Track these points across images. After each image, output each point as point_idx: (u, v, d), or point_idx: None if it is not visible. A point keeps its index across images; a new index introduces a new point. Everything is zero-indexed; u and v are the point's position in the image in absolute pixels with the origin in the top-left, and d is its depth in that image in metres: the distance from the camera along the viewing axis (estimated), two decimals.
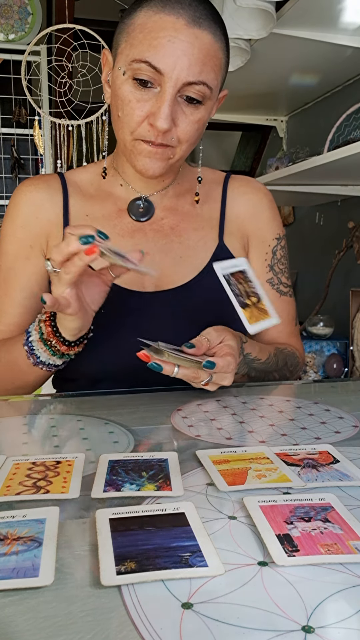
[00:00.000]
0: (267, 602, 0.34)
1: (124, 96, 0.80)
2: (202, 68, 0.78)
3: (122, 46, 0.81)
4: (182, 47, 0.76)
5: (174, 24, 0.76)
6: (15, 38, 2.72)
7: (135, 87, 0.79)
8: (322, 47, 1.78)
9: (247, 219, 0.99)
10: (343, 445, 0.60)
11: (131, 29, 0.79)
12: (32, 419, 0.73)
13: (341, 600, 0.34)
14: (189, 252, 0.94)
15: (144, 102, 0.79)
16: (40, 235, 0.93)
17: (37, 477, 0.51)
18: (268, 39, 1.69)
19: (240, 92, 2.18)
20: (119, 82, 0.81)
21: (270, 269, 1.00)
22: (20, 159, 2.87)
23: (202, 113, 0.82)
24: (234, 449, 0.58)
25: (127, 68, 0.79)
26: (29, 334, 0.81)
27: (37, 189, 0.94)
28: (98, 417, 0.71)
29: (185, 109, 0.80)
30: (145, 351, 0.70)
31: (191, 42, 0.77)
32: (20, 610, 0.33)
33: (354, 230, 2.14)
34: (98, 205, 0.95)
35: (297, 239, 2.63)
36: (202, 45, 0.78)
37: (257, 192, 1.01)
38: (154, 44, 0.76)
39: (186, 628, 0.32)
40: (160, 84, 0.78)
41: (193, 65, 0.77)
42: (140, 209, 0.94)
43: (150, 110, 0.79)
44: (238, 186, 1.01)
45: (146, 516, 0.43)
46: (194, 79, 0.78)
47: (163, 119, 0.77)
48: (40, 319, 0.80)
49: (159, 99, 0.78)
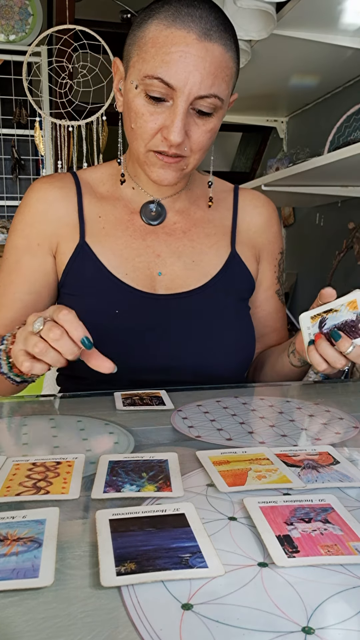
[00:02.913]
0: (267, 603, 0.34)
1: (137, 109, 0.81)
2: (214, 81, 0.79)
3: (133, 59, 0.81)
4: (194, 62, 0.77)
5: (185, 39, 0.77)
6: (15, 39, 2.72)
7: (147, 101, 0.80)
8: (323, 48, 1.78)
9: (258, 232, 1.02)
10: (343, 446, 0.60)
11: (142, 42, 0.80)
12: (33, 419, 0.73)
13: (341, 601, 0.34)
14: (201, 256, 0.95)
15: (157, 115, 0.80)
16: (50, 235, 0.93)
17: (37, 478, 0.51)
18: (268, 40, 1.68)
19: (240, 92, 2.16)
20: (132, 95, 0.82)
21: (278, 281, 1.06)
22: (20, 160, 2.87)
23: (214, 123, 0.84)
24: (234, 450, 0.58)
25: (139, 82, 0.80)
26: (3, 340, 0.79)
27: (52, 188, 0.94)
28: (98, 417, 0.71)
29: (197, 120, 0.82)
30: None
31: (202, 57, 0.77)
32: (20, 611, 0.33)
33: (354, 231, 2.14)
34: (110, 206, 0.95)
35: (297, 240, 2.63)
36: (213, 59, 0.78)
37: (267, 206, 1.05)
38: (166, 59, 0.77)
39: (186, 629, 0.32)
40: (173, 98, 0.79)
41: (205, 79, 0.78)
42: (153, 213, 0.95)
43: (163, 123, 0.80)
44: (250, 198, 1.04)
45: (146, 517, 0.43)
46: (205, 93, 0.79)
47: (176, 132, 0.79)
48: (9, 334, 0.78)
49: (172, 112, 0.79)
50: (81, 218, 0.93)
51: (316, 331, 0.79)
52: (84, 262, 0.91)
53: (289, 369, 0.94)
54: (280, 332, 1.07)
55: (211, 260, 0.95)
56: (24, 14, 2.72)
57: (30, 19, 2.73)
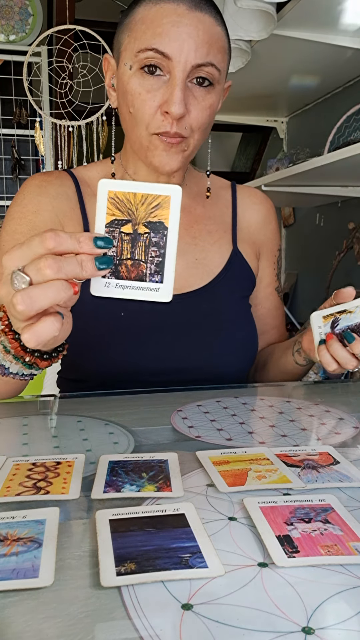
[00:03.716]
0: (267, 603, 0.34)
1: (134, 90, 0.79)
2: (209, 50, 0.78)
3: (125, 43, 0.81)
4: (187, 31, 0.76)
5: (176, 10, 0.77)
6: (15, 39, 2.72)
7: (143, 77, 0.78)
8: (323, 49, 1.78)
9: (258, 229, 1.02)
10: (343, 447, 0.60)
11: (132, 24, 0.79)
12: (32, 419, 0.73)
13: (341, 601, 0.34)
14: (204, 254, 0.95)
15: (155, 91, 0.78)
16: (56, 222, 0.90)
17: (37, 478, 0.51)
18: (269, 40, 1.69)
19: (240, 93, 2.18)
20: (126, 77, 0.80)
21: (277, 278, 1.05)
22: (20, 160, 2.87)
23: (213, 98, 0.82)
24: (234, 450, 0.58)
25: (133, 61, 0.79)
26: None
27: (50, 184, 0.93)
28: (98, 417, 0.71)
29: (196, 93, 0.80)
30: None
31: (195, 25, 0.77)
32: (20, 611, 0.33)
33: (354, 231, 2.14)
34: None
35: (297, 240, 2.63)
36: (206, 28, 0.78)
37: (265, 203, 1.04)
38: (158, 31, 0.76)
39: (186, 629, 0.32)
40: (169, 71, 0.77)
41: (200, 47, 0.77)
42: None
43: (162, 98, 0.78)
44: (247, 195, 1.03)
45: (146, 517, 0.43)
46: (202, 61, 0.78)
47: (177, 103, 0.76)
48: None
49: (170, 85, 0.77)
50: (84, 215, 0.92)
51: (328, 331, 0.79)
52: None
53: (292, 366, 0.94)
54: (280, 329, 1.08)
55: (214, 258, 0.95)
56: (24, 14, 2.72)
57: (31, 19, 2.73)
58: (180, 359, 0.89)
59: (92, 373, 0.89)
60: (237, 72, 1.84)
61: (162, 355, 0.89)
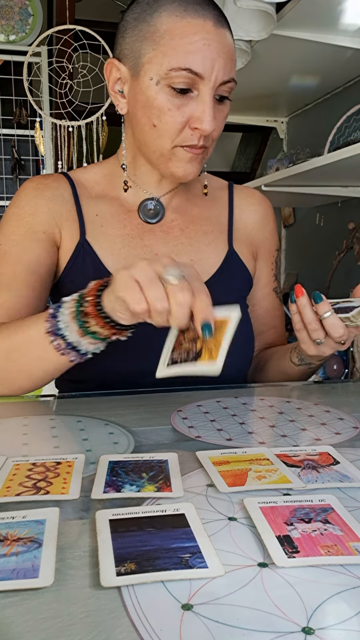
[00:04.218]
0: (267, 604, 0.34)
1: (162, 105, 0.80)
2: (232, 65, 0.82)
3: (148, 55, 0.80)
4: (217, 49, 0.78)
5: (204, 27, 0.78)
6: (15, 39, 2.72)
7: (172, 94, 0.80)
8: (323, 49, 1.78)
9: (255, 229, 1.02)
10: (343, 447, 0.60)
11: (157, 36, 0.79)
12: (33, 419, 0.73)
13: (341, 601, 0.34)
14: (200, 255, 0.95)
15: (184, 107, 0.80)
16: (53, 224, 0.91)
17: (37, 478, 0.51)
18: (268, 41, 1.69)
19: (240, 93, 2.17)
20: (153, 92, 0.80)
21: (275, 279, 1.05)
22: (20, 160, 2.87)
23: (228, 108, 0.86)
24: (234, 450, 0.58)
25: (161, 77, 0.79)
26: (58, 307, 0.71)
27: (47, 186, 0.93)
28: (98, 418, 0.71)
29: (217, 107, 0.83)
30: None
31: (222, 42, 0.79)
32: (20, 611, 0.33)
33: (354, 231, 2.14)
34: (106, 205, 0.95)
35: (297, 240, 2.63)
36: (228, 44, 0.81)
37: (263, 203, 1.04)
38: (191, 49, 0.77)
39: (186, 629, 0.32)
40: (198, 88, 0.79)
41: (226, 64, 0.80)
42: (151, 210, 0.94)
43: (191, 114, 0.80)
44: (245, 196, 1.03)
45: (146, 517, 0.43)
46: (227, 78, 0.81)
47: (209, 121, 0.79)
48: (83, 293, 0.70)
49: (200, 102, 0.79)
50: (80, 216, 0.92)
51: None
52: (85, 260, 0.90)
53: (290, 367, 0.94)
54: (279, 330, 1.07)
55: (209, 258, 0.95)
56: (24, 14, 2.72)
57: (31, 19, 2.73)
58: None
59: (92, 375, 0.89)
60: (237, 72, 1.84)
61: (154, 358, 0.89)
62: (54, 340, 0.71)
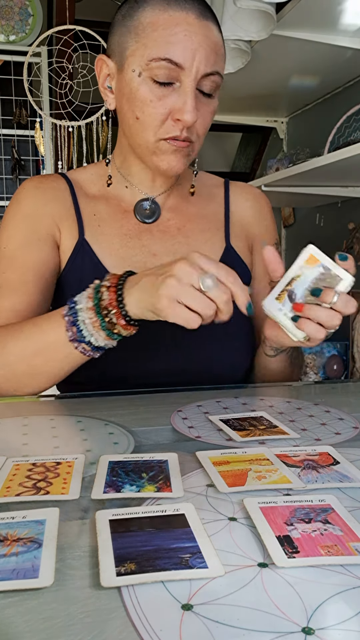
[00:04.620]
0: (267, 604, 0.34)
1: (144, 97, 0.80)
2: (216, 59, 0.81)
3: (131, 48, 0.81)
4: (198, 40, 0.78)
5: (186, 19, 0.78)
6: (15, 39, 2.72)
7: (154, 86, 0.80)
8: (323, 49, 1.78)
9: (251, 224, 1.01)
10: (343, 447, 0.60)
11: (140, 29, 0.79)
12: (33, 420, 0.73)
13: (341, 601, 0.34)
14: None
15: (165, 99, 0.80)
16: (54, 225, 0.91)
17: (37, 478, 0.51)
18: (268, 41, 1.69)
19: (240, 93, 2.18)
20: (135, 84, 0.81)
21: None
22: (20, 160, 2.87)
23: (215, 104, 0.85)
24: (234, 450, 0.58)
25: (143, 68, 0.80)
26: (74, 302, 0.75)
27: (46, 187, 0.94)
28: (98, 418, 0.71)
29: (202, 100, 0.82)
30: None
31: (204, 34, 0.79)
32: (20, 611, 0.33)
33: (354, 231, 2.14)
34: (103, 205, 0.95)
35: (297, 240, 2.63)
36: (212, 36, 0.80)
37: (259, 198, 1.04)
38: (171, 40, 0.77)
39: (186, 629, 0.32)
40: (180, 79, 0.79)
41: (209, 56, 0.79)
42: (147, 210, 0.94)
43: (173, 106, 0.80)
44: (240, 192, 1.03)
45: (146, 517, 0.43)
46: (210, 70, 0.80)
47: (190, 112, 0.79)
48: (102, 284, 0.73)
49: (182, 93, 0.79)
50: (78, 215, 0.93)
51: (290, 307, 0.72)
52: (84, 260, 0.91)
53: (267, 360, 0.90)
54: None
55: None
56: (24, 15, 2.72)
57: (31, 20, 2.73)
58: (175, 361, 0.89)
59: (89, 377, 0.88)
60: (237, 72, 1.84)
61: (156, 357, 0.89)
62: (78, 346, 0.75)
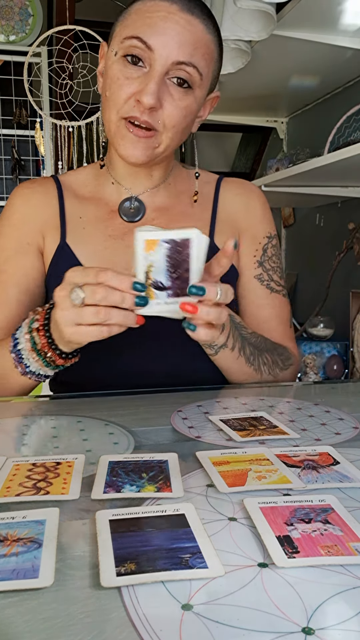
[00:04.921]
0: (267, 604, 0.34)
1: (113, 75, 0.81)
2: (193, 52, 0.80)
3: (116, 31, 0.83)
4: (175, 28, 0.78)
5: (168, 8, 0.79)
6: (15, 39, 2.72)
7: (125, 65, 0.80)
8: (323, 49, 1.78)
9: (239, 218, 0.99)
10: (343, 447, 0.60)
11: (127, 15, 0.82)
12: (33, 420, 0.73)
13: (341, 601, 0.34)
14: None
15: (133, 79, 0.80)
16: (37, 232, 0.93)
17: (37, 479, 0.51)
18: (268, 41, 1.69)
19: (240, 93, 2.18)
20: (110, 62, 0.83)
21: (259, 265, 0.99)
22: (20, 160, 2.87)
23: (190, 100, 0.83)
24: (234, 451, 0.58)
25: (119, 47, 0.81)
26: (17, 340, 0.76)
27: (34, 192, 0.95)
28: (98, 418, 0.71)
29: (173, 91, 0.81)
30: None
31: (183, 25, 0.79)
32: (20, 611, 0.33)
33: (354, 231, 2.14)
34: (91, 207, 0.95)
35: (297, 240, 2.63)
36: (195, 31, 0.80)
37: (249, 192, 1.01)
38: (147, 22, 0.79)
39: (186, 629, 0.32)
40: (150, 63, 0.79)
41: (183, 45, 0.79)
42: (131, 210, 0.94)
43: (138, 87, 0.80)
44: (230, 188, 1.01)
45: (146, 517, 0.43)
46: (183, 59, 0.79)
47: (149, 94, 0.78)
48: (32, 327, 0.74)
49: (148, 76, 0.79)
50: (62, 219, 0.93)
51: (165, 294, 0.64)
52: (65, 263, 0.90)
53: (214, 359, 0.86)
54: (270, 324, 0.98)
55: None
56: (24, 15, 2.72)
57: (31, 20, 2.73)
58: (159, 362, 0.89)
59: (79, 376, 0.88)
60: (237, 73, 1.84)
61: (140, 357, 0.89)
62: (32, 376, 0.78)
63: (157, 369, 0.90)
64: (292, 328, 1.04)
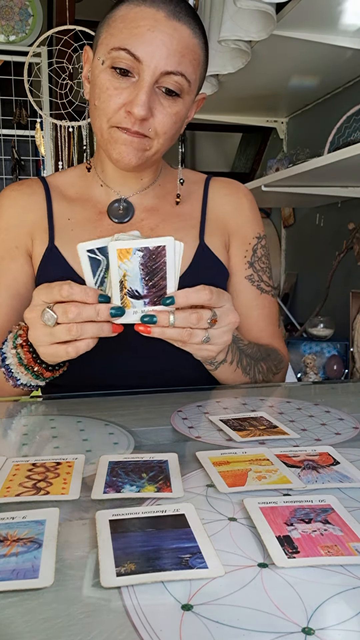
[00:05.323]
0: (267, 604, 0.34)
1: (102, 84, 0.81)
2: (181, 60, 0.80)
3: (102, 37, 0.83)
4: (162, 37, 0.78)
5: (155, 15, 0.79)
6: (15, 39, 2.72)
7: (113, 75, 0.80)
8: (323, 49, 1.78)
9: (228, 218, 0.98)
10: (343, 447, 0.60)
11: (111, 20, 0.82)
12: (32, 419, 0.73)
13: (341, 602, 0.34)
14: None
15: (122, 90, 0.80)
16: (26, 235, 0.93)
17: (37, 479, 0.51)
18: (268, 41, 1.69)
19: (240, 93, 2.18)
20: (97, 71, 0.82)
21: (250, 266, 0.99)
22: (20, 160, 2.87)
23: (180, 107, 0.83)
24: (234, 451, 0.58)
25: (106, 57, 0.81)
26: (4, 355, 0.76)
27: (21, 194, 0.95)
28: (98, 418, 0.71)
29: (163, 100, 0.81)
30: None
31: (170, 34, 0.79)
32: (20, 611, 0.33)
33: (354, 231, 2.14)
34: (79, 208, 0.95)
35: (297, 240, 2.63)
36: (181, 38, 0.80)
37: (237, 192, 1.01)
38: (134, 32, 0.78)
39: (186, 630, 0.32)
40: (139, 73, 0.79)
41: (171, 55, 0.79)
42: (120, 211, 0.94)
43: (128, 98, 0.80)
44: (219, 187, 1.01)
45: (146, 517, 0.43)
46: (172, 69, 0.79)
47: (140, 105, 0.78)
48: (17, 343, 0.75)
49: (137, 87, 0.79)
50: (50, 222, 0.93)
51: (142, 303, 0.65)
52: (54, 266, 0.91)
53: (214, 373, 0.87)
54: (260, 324, 0.99)
55: None
56: (24, 15, 2.72)
57: (31, 20, 2.73)
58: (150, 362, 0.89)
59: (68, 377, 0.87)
60: (237, 72, 1.84)
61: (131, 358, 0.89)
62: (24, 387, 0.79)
63: (156, 369, 0.90)
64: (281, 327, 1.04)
